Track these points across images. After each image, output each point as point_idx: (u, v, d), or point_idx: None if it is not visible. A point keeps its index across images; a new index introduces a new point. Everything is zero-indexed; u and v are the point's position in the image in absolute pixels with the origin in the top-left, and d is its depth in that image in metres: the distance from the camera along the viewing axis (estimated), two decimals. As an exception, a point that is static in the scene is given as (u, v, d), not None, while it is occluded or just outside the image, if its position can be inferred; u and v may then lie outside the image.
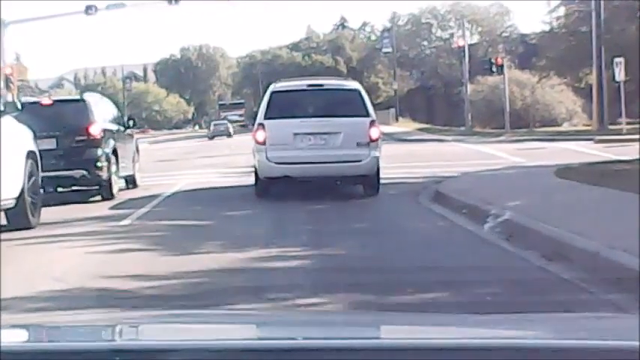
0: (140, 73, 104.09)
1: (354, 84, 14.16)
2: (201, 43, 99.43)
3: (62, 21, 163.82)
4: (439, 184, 13.41)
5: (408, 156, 23.07)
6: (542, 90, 49.15)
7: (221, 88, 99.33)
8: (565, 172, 13.64)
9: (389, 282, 5.88)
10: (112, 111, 16.62)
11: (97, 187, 14.30)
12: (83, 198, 14.23)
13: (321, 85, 13.83)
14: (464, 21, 49.59)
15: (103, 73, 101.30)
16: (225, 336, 2.21)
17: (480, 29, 70.98)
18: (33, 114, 13.45)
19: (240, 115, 78.51)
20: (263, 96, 14.19)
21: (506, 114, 39.19)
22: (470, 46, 55.36)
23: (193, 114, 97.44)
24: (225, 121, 64.23)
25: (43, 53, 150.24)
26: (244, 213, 11.19)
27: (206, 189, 15.30)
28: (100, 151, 14.18)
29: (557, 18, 44.80)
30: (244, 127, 57.51)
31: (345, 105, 13.08)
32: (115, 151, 14.79)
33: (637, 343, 1.76)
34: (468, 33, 62.28)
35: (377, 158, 12.83)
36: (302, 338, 2.01)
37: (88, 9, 31.99)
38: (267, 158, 12.76)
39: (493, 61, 40.46)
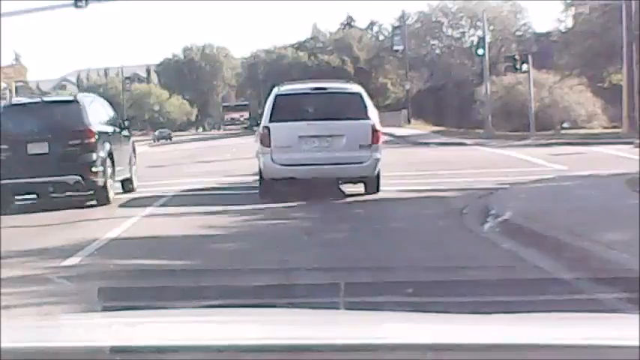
0: (143, 74, 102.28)
1: (356, 87, 14.17)
2: (205, 43, 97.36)
3: (64, 22, 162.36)
4: (485, 199, 10.89)
5: (432, 162, 20.59)
6: (561, 90, 46.77)
7: (225, 89, 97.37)
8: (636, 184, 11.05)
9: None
10: (107, 112, 15.85)
11: (91, 193, 13.74)
12: (79, 203, 13.63)
13: (324, 89, 13.93)
14: (484, 15, 46.79)
15: (106, 74, 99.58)
16: (226, 335, 2.22)
17: (492, 28, 68.61)
18: (24, 116, 13.85)
19: (242, 116, 77.23)
20: (267, 98, 14.22)
21: (531, 116, 36.51)
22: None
23: (197, 115, 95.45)
24: (167, 130, 72.39)
25: (45, 54, 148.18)
26: (233, 248, 8.72)
27: (195, 204, 12.96)
28: (94, 155, 13.64)
29: (578, 15, 42.59)
30: (248, 130, 56.58)
31: (347, 108, 13.28)
32: (110, 155, 14.17)
33: (637, 343, 1.76)
34: (480, 32, 60.26)
35: (378, 160, 13.11)
36: (302, 337, 2.02)
37: (78, 1, 29.47)
38: (272, 160, 13.04)
39: (517, 57, 37.87)
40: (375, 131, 13.06)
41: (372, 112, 13.45)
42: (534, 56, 57.91)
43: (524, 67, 36.77)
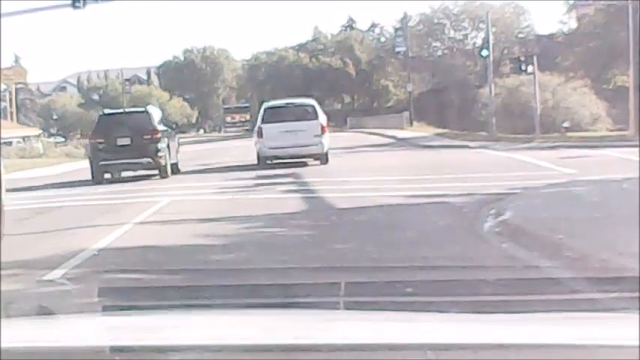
0: (143, 76, 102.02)
1: (311, 101, 24.16)
2: (205, 45, 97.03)
3: (64, 24, 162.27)
4: (497, 205, 10.53)
5: (437, 166, 20.27)
6: (565, 92, 46.44)
7: (225, 91, 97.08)
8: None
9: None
10: (162, 116, 22.94)
11: (157, 170, 20.47)
12: (146, 176, 20.45)
13: (293, 103, 23.79)
14: (488, 17, 46.44)
15: (106, 76, 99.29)
16: (226, 335, 2.20)
17: (494, 29, 68.33)
18: (114, 120, 21.18)
19: (242, 118, 77.26)
20: (259, 110, 24.30)
21: (536, 118, 36.18)
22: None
23: (197, 118, 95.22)
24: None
25: (45, 56, 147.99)
26: (233, 250, 8.41)
27: (193, 209, 12.88)
28: (160, 145, 20.43)
29: (582, 17, 42.36)
30: (248, 132, 56.52)
31: (306, 114, 22.61)
32: (168, 146, 20.90)
33: (637, 343, 1.75)
34: (482, 33, 59.98)
35: (325, 144, 22.14)
36: (302, 337, 2.01)
37: (75, 2, 29.20)
38: (264, 146, 22.14)
39: (522, 59, 37.60)
40: (322, 127, 22.29)
41: (321, 115, 22.88)
42: (537, 58, 57.84)
43: (529, 68, 36.44)
